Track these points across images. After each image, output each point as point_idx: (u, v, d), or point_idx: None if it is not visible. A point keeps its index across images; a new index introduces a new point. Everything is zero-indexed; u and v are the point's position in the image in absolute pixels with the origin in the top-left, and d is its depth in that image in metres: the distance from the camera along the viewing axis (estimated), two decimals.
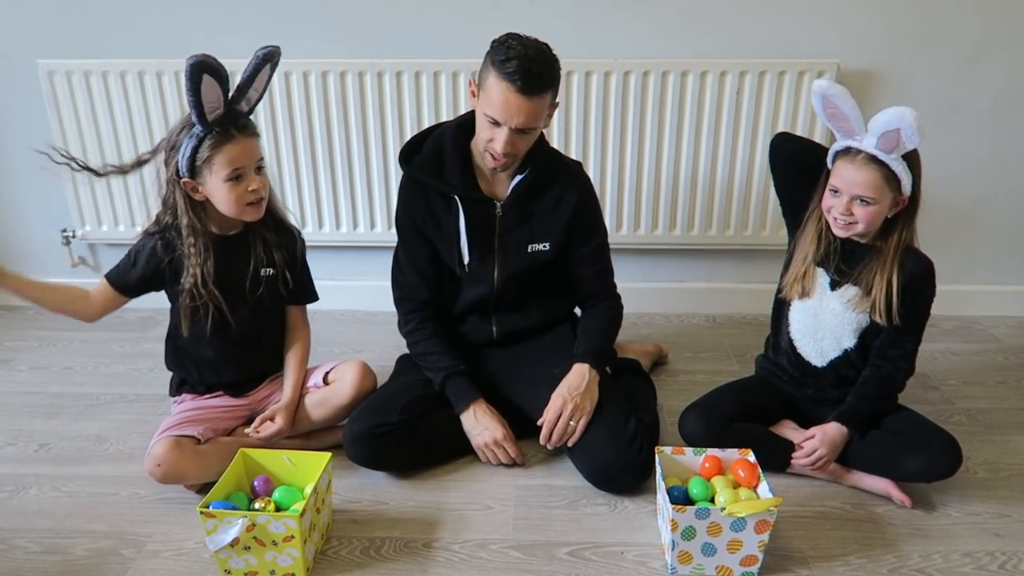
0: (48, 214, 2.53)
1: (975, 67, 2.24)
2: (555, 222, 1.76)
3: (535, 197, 1.75)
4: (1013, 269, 2.52)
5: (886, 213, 1.54)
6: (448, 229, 1.76)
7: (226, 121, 1.54)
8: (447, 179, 1.71)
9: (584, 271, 1.83)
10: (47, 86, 2.30)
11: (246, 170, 1.57)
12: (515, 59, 1.50)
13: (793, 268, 1.68)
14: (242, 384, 1.80)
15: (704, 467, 1.54)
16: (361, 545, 1.53)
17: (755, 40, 2.23)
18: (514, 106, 1.53)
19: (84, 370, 2.24)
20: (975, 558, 1.48)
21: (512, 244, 1.77)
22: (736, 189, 2.37)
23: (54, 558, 1.49)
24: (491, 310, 1.86)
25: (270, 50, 1.59)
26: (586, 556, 1.50)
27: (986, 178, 2.38)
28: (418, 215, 1.76)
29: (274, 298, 1.76)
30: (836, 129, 1.55)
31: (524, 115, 1.54)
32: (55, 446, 1.86)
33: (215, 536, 1.36)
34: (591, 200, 1.81)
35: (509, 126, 1.56)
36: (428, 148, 1.73)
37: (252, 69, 1.57)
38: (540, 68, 1.52)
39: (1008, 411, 1.99)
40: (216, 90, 1.50)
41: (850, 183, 1.52)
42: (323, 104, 2.30)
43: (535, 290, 1.85)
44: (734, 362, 2.24)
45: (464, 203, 1.73)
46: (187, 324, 1.66)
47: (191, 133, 1.53)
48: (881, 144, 1.47)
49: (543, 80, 1.54)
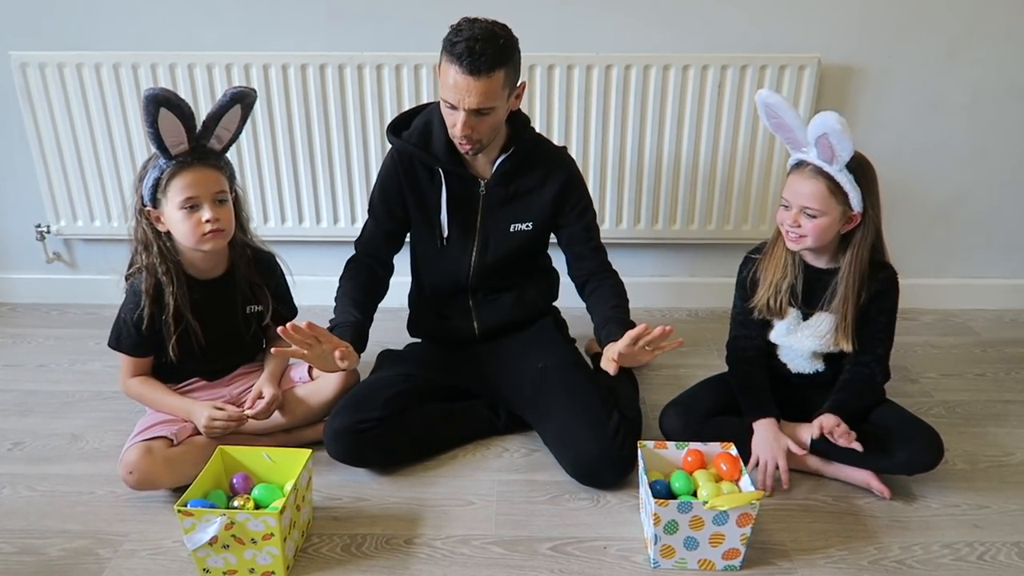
0: (22, 209, 2.49)
1: (954, 62, 2.26)
2: (540, 201, 1.77)
3: (519, 177, 1.75)
4: (991, 262, 2.54)
5: (837, 228, 1.55)
6: (430, 202, 1.77)
7: (191, 155, 1.55)
8: (434, 152, 1.70)
9: (580, 249, 1.83)
10: (19, 78, 2.25)
11: (201, 200, 1.56)
12: (462, 40, 1.50)
13: (762, 290, 1.67)
14: (218, 372, 1.80)
15: (686, 461, 1.54)
16: (342, 542, 1.51)
17: (736, 35, 2.23)
18: (463, 87, 1.52)
19: (59, 367, 2.20)
20: (954, 549, 1.49)
21: (494, 223, 1.77)
22: (718, 183, 2.37)
23: (28, 559, 1.47)
24: (468, 292, 1.85)
25: (241, 91, 1.60)
26: (569, 551, 1.49)
27: (964, 172, 2.39)
28: (399, 189, 1.76)
29: (259, 322, 1.79)
30: (784, 140, 1.57)
31: (475, 95, 1.53)
32: (29, 444, 1.83)
33: (193, 535, 1.34)
34: (578, 180, 1.81)
35: (463, 108, 1.55)
36: (417, 123, 1.73)
37: (218, 107, 1.58)
38: (487, 47, 1.50)
39: (986, 403, 2.01)
40: (176, 124, 1.50)
41: (796, 195, 1.54)
42: (303, 97, 2.28)
43: (512, 277, 1.84)
44: (716, 356, 2.25)
45: (448, 177, 1.73)
46: (176, 353, 1.66)
47: (156, 164, 1.55)
48: (820, 154, 1.48)
49: (491, 59, 1.51)
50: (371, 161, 2.36)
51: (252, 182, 2.38)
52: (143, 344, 1.67)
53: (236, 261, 1.72)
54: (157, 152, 1.53)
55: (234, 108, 1.60)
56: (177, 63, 2.23)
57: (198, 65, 2.23)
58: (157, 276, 1.61)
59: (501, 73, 1.54)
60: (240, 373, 1.83)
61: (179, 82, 2.25)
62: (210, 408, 1.65)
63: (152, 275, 1.62)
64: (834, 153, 1.46)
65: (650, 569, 1.44)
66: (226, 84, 2.24)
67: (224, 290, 1.71)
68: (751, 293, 1.70)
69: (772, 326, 1.71)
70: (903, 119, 2.32)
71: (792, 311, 1.66)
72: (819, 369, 1.71)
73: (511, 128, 1.74)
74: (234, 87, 1.60)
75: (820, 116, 1.44)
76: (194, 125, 1.54)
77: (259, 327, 1.79)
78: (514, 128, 1.74)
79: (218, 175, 1.60)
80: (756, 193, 2.39)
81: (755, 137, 2.31)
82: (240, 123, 1.64)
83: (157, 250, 1.61)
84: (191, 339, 1.67)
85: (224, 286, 1.71)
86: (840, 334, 1.61)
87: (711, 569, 1.43)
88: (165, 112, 1.47)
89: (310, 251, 2.50)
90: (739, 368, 1.74)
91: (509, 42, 1.56)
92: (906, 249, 1.64)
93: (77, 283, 2.59)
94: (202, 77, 2.24)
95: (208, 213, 1.56)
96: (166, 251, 1.62)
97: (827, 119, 1.43)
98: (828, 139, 1.44)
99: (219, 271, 1.71)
